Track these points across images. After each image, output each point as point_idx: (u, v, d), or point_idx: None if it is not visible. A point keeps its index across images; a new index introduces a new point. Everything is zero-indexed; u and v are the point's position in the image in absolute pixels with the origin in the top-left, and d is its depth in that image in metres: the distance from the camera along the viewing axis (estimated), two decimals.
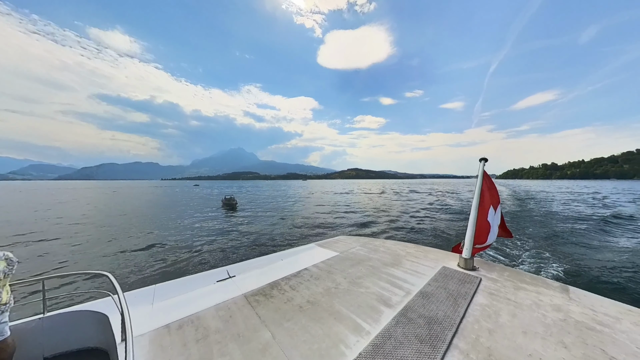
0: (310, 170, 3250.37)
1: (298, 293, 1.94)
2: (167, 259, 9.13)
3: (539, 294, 1.78)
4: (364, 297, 1.82)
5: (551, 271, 6.19)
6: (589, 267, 6.35)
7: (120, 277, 7.15)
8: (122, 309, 0.95)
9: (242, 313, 1.66)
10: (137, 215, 19.77)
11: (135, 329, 1.45)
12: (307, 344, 1.31)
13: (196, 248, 10.60)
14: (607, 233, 11.02)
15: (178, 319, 1.63)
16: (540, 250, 8.12)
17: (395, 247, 3.09)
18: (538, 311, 1.56)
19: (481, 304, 1.67)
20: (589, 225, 12.57)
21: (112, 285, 1.15)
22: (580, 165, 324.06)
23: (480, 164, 2.69)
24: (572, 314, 1.51)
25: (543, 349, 1.20)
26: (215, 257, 9.34)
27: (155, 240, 11.92)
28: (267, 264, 2.71)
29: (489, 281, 2.04)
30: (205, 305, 1.81)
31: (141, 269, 7.91)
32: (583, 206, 19.84)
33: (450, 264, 2.46)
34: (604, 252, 8.02)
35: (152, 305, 1.84)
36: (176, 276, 2.63)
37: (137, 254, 9.72)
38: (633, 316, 1.47)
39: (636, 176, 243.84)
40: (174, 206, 27.20)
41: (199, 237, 12.61)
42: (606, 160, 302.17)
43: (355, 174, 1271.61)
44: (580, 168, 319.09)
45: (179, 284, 2.25)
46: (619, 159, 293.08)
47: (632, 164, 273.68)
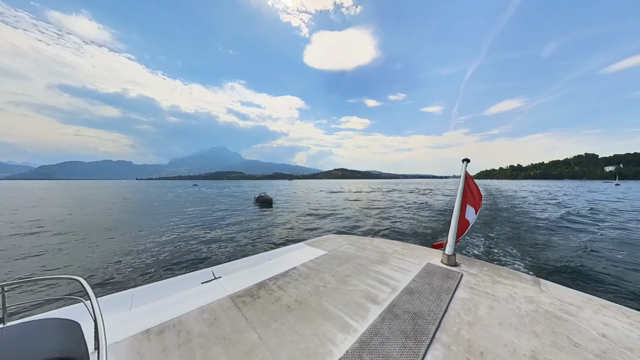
0: (297, 170, 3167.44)
1: (286, 293, 1.90)
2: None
3: (514, 287, 1.90)
4: (352, 295, 1.83)
5: (523, 265, 6.74)
6: (555, 259, 6.95)
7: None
8: (94, 315, 0.89)
9: (228, 315, 1.61)
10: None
11: (111, 336, 1.39)
12: (294, 344, 1.30)
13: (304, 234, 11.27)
14: (564, 227, 11.97)
15: (158, 323, 1.55)
16: (513, 245, 8.70)
17: (383, 245, 3.16)
18: (513, 303, 1.66)
19: (462, 298, 1.75)
20: (550, 220, 13.69)
21: (85, 291, 1.06)
22: (540, 167, 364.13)
23: (462, 165, 2.79)
24: (543, 304, 1.63)
25: (517, 339, 1.28)
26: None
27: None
28: (254, 264, 2.66)
29: (469, 276, 2.13)
30: (188, 308, 1.73)
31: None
32: (542, 203, 22.50)
33: (434, 260, 2.54)
34: (564, 245, 8.77)
35: (130, 310, 1.73)
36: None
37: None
38: (593, 305, 1.62)
39: (585, 176, 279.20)
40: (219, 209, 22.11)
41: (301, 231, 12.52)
42: (561, 163, 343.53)
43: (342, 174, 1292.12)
44: (540, 169, 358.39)
45: (160, 287, 2.14)
46: (571, 161, 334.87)
47: (581, 165, 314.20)
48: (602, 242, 9.30)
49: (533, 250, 8.17)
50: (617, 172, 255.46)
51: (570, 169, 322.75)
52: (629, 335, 1.30)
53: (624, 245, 8.77)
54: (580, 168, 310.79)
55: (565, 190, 43.69)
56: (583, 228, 11.87)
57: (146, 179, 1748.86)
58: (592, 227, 11.95)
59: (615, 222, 13.11)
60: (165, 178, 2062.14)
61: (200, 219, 16.44)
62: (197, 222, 15.16)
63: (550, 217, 14.87)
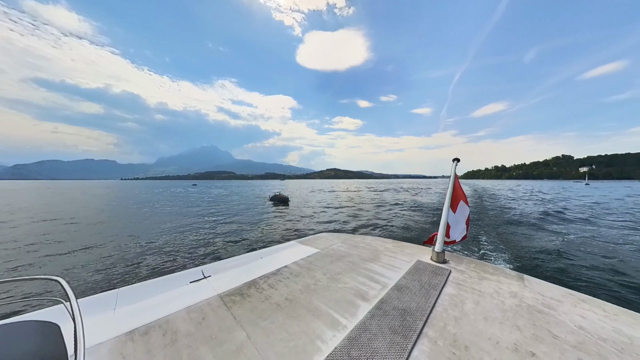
0: (289, 170, 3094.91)
1: (276, 291, 1.90)
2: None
3: (499, 283, 1.96)
4: (342, 293, 1.85)
5: (506, 259, 7.03)
6: (537, 256, 7.17)
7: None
8: (74, 316, 0.85)
9: (216, 314, 1.59)
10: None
11: (93, 337, 1.36)
12: (283, 342, 1.30)
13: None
14: (545, 223, 12.48)
15: (143, 324, 1.52)
16: (499, 242, 8.93)
17: (375, 243, 3.17)
18: (498, 298, 1.71)
19: (450, 294, 1.79)
20: (532, 217, 14.21)
21: (64, 291, 1.00)
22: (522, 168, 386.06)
23: (453, 164, 2.82)
24: (525, 299, 1.70)
25: (500, 333, 1.33)
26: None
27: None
28: (245, 262, 2.62)
29: (457, 273, 2.18)
30: (175, 308, 1.70)
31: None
32: (523, 201, 23.85)
33: (424, 257, 2.58)
34: (545, 240, 9.07)
35: (114, 310, 1.70)
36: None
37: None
38: (572, 299, 1.70)
39: (561, 176, 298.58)
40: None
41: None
42: (541, 164, 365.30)
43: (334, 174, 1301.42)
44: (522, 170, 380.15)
45: (146, 286, 2.08)
46: (550, 162, 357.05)
47: (559, 166, 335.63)
48: (570, 234, 10.29)
49: (512, 241, 9.12)
50: (590, 172, 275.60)
51: (549, 169, 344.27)
52: (604, 327, 1.37)
53: (586, 236, 9.85)
54: (558, 169, 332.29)
55: (542, 189, 48.66)
56: (555, 221, 13.15)
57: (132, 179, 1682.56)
58: (563, 222, 13.17)
59: (582, 216, 14.88)
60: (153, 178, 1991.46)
61: (237, 217, 16.52)
62: (242, 222, 14.81)
63: (527, 212, 16.48)
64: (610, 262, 6.71)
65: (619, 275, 5.81)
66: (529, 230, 11.08)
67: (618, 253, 7.55)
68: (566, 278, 5.81)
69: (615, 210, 17.53)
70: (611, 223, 12.72)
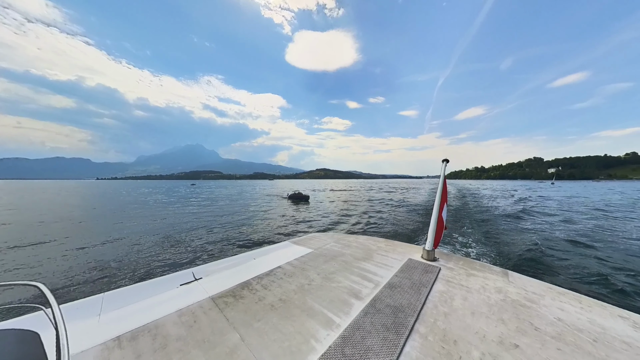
0: (278, 170, 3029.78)
1: (270, 292, 1.89)
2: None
3: (486, 279, 2.04)
4: (336, 292, 1.86)
5: (487, 253, 7.34)
6: (521, 252, 7.38)
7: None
8: (56, 323, 0.80)
9: (209, 317, 1.56)
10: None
11: (76, 345, 1.30)
12: (277, 342, 1.30)
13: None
14: (522, 220, 13.22)
15: (131, 329, 1.46)
16: (484, 239, 9.18)
17: (367, 242, 3.22)
18: (484, 294, 1.79)
19: (439, 290, 1.85)
20: (511, 215, 15.03)
21: (45, 297, 0.95)
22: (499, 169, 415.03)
23: (442, 165, 2.90)
24: (510, 294, 1.78)
25: (487, 326, 1.39)
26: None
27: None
28: (238, 263, 2.59)
29: (446, 270, 2.25)
30: (165, 311, 1.65)
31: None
32: (503, 199, 25.61)
33: (415, 255, 2.65)
34: (526, 237, 9.42)
35: (99, 316, 1.62)
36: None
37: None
38: (552, 293, 1.81)
39: (533, 177, 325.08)
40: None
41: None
42: (515, 165, 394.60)
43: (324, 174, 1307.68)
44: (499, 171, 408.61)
45: (134, 290, 2.00)
46: (523, 164, 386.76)
47: (531, 167, 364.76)
48: (536, 225, 11.54)
49: (489, 233, 10.06)
50: (557, 173, 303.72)
51: (522, 170, 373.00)
52: (580, 318, 1.47)
53: (551, 228, 10.95)
54: (530, 170, 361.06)
55: (513, 187, 56.29)
56: (523, 216, 14.71)
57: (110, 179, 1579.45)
58: (530, 215, 14.76)
59: (544, 211, 16.83)
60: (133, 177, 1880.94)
61: (271, 215, 16.56)
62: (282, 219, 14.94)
63: (501, 207, 18.67)
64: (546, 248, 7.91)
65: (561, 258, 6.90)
66: (501, 221, 12.84)
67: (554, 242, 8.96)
68: (529, 265, 6.59)
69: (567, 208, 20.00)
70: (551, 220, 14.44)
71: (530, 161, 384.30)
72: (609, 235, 9.76)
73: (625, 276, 5.73)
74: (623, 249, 7.98)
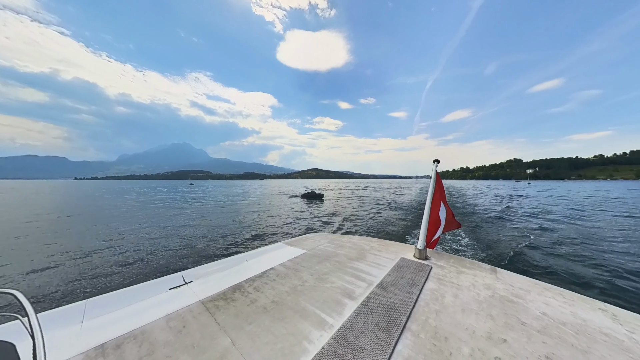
0: (269, 170, 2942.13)
1: (262, 294, 1.85)
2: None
3: (475, 276, 2.08)
4: (329, 292, 1.85)
5: (472, 246, 7.69)
6: (505, 249, 7.84)
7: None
8: (33, 332, 0.77)
9: (199, 321, 1.52)
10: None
11: (55, 354, 1.24)
12: (269, 345, 1.28)
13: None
14: (504, 219, 13.68)
15: (116, 336, 1.39)
16: (473, 238, 9.43)
17: (361, 242, 3.21)
18: (474, 291, 1.82)
19: (431, 288, 1.87)
20: (495, 212, 15.85)
21: (21, 306, 0.90)
22: (483, 169, 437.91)
23: (433, 165, 2.93)
24: (498, 290, 1.83)
25: (476, 322, 1.43)
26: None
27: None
28: (230, 266, 2.52)
29: (438, 268, 2.28)
30: (153, 317, 1.58)
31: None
32: (485, 198, 27.36)
33: (407, 255, 2.66)
34: (509, 234, 10.07)
35: (82, 323, 1.54)
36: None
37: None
38: (537, 288, 1.87)
39: (513, 177, 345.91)
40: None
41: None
42: (498, 166, 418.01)
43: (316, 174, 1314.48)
44: (483, 171, 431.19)
45: (120, 295, 1.91)
46: (504, 165, 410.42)
47: (512, 168, 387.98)
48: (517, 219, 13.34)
49: (474, 226, 11.19)
50: (534, 174, 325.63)
51: (504, 170, 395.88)
52: (563, 312, 1.54)
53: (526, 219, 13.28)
54: (510, 170, 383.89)
55: (494, 186, 63.20)
56: (498, 209, 16.83)
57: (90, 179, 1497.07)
58: (508, 210, 16.82)
59: (519, 205, 20.20)
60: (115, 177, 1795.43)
61: (297, 214, 17.07)
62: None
63: (483, 204, 21.41)
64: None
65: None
66: (484, 216, 14.27)
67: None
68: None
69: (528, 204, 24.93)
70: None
71: (511, 162, 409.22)
72: (562, 227, 11.88)
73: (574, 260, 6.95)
74: (576, 237, 9.74)
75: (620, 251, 7.91)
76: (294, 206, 22.64)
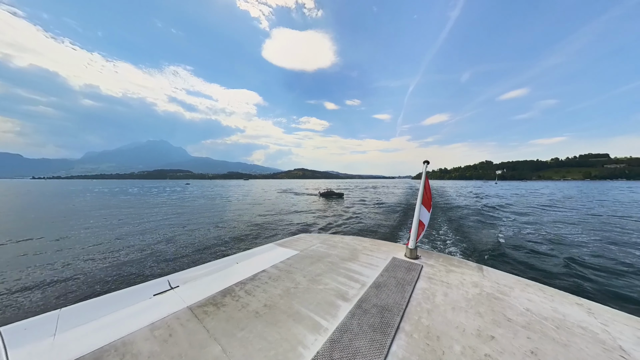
0: (254, 170, 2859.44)
1: (254, 298, 1.77)
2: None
3: (463, 275, 2.13)
4: (323, 294, 1.81)
5: (469, 253, 7.71)
6: (491, 247, 8.18)
7: None
8: None
9: (186, 329, 1.42)
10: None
11: None
12: (262, 351, 1.22)
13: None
14: (485, 216, 14.50)
15: (93, 349, 1.25)
16: (459, 236, 9.74)
17: (353, 242, 3.20)
18: (462, 289, 1.86)
19: (422, 288, 1.88)
20: (473, 211, 16.57)
21: None
22: (459, 170, 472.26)
23: (423, 166, 2.95)
24: (485, 288, 1.88)
25: (465, 320, 1.45)
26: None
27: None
28: (219, 269, 2.39)
29: (428, 267, 2.31)
30: (135, 326, 1.45)
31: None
32: (467, 199, 28.38)
33: (399, 254, 2.67)
34: (490, 232, 10.54)
35: (54, 337, 1.37)
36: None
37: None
38: (521, 285, 1.93)
39: (484, 177, 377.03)
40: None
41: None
42: (472, 167, 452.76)
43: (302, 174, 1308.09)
44: (459, 172, 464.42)
45: (98, 303, 1.73)
46: (477, 166, 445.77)
47: (483, 169, 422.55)
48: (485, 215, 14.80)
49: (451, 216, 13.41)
50: (501, 175, 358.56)
51: (477, 172, 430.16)
52: (544, 307, 1.59)
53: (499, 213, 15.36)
54: (482, 171, 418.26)
55: (466, 185, 72.29)
56: (472, 205, 19.48)
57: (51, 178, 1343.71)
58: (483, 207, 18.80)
59: (487, 201, 23.22)
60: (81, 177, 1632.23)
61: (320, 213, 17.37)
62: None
63: (458, 199, 25.15)
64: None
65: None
66: (460, 210, 17.16)
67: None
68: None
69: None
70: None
71: (483, 164, 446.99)
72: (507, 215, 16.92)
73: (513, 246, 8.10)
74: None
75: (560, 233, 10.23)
76: (318, 204, 22.97)
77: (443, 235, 10.35)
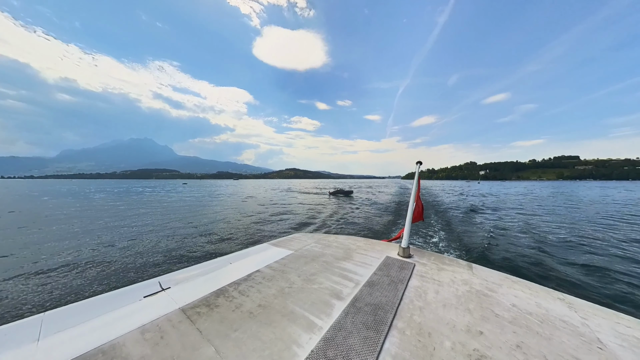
0: (244, 169, 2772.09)
1: (248, 298, 1.75)
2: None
3: (454, 272, 2.18)
4: (317, 294, 1.82)
5: (459, 252, 7.77)
6: (482, 245, 8.12)
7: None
8: None
9: (178, 331, 1.38)
10: None
11: None
12: (257, 352, 1.22)
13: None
14: (472, 216, 14.80)
15: (80, 353, 1.21)
16: (449, 235, 9.81)
17: (347, 242, 3.22)
18: (453, 286, 1.91)
19: (415, 286, 1.92)
20: (462, 210, 17.23)
21: None
22: (446, 171, 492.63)
23: (417, 166, 3.00)
24: (474, 285, 1.93)
25: (456, 317, 1.49)
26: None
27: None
28: (212, 269, 2.36)
29: (420, 266, 2.35)
30: (125, 328, 1.40)
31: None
32: (452, 196, 30.55)
33: (392, 253, 2.71)
34: (480, 230, 10.49)
35: (38, 342, 1.31)
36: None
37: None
38: (509, 282, 2.00)
39: (469, 178, 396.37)
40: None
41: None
42: (457, 168, 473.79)
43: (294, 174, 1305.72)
44: (446, 172, 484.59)
45: (85, 306, 1.66)
46: (463, 167, 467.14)
47: (468, 170, 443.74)
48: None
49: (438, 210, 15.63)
50: (485, 175, 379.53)
51: (462, 172, 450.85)
52: (529, 303, 1.66)
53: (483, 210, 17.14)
54: (467, 172, 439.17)
55: (452, 185, 78.65)
56: (462, 203, 21.71)
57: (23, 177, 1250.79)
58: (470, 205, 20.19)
59: (469, 198, 26.72)
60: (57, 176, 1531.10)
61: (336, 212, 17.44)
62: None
63: (444, 197, 28.92)
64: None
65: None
66: (447, 205, 19.79)
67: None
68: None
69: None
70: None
71: (468, 165, 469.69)
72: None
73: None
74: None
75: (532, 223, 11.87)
76: (335, 204, 23.17)
77: (432, 232, 10.79)
